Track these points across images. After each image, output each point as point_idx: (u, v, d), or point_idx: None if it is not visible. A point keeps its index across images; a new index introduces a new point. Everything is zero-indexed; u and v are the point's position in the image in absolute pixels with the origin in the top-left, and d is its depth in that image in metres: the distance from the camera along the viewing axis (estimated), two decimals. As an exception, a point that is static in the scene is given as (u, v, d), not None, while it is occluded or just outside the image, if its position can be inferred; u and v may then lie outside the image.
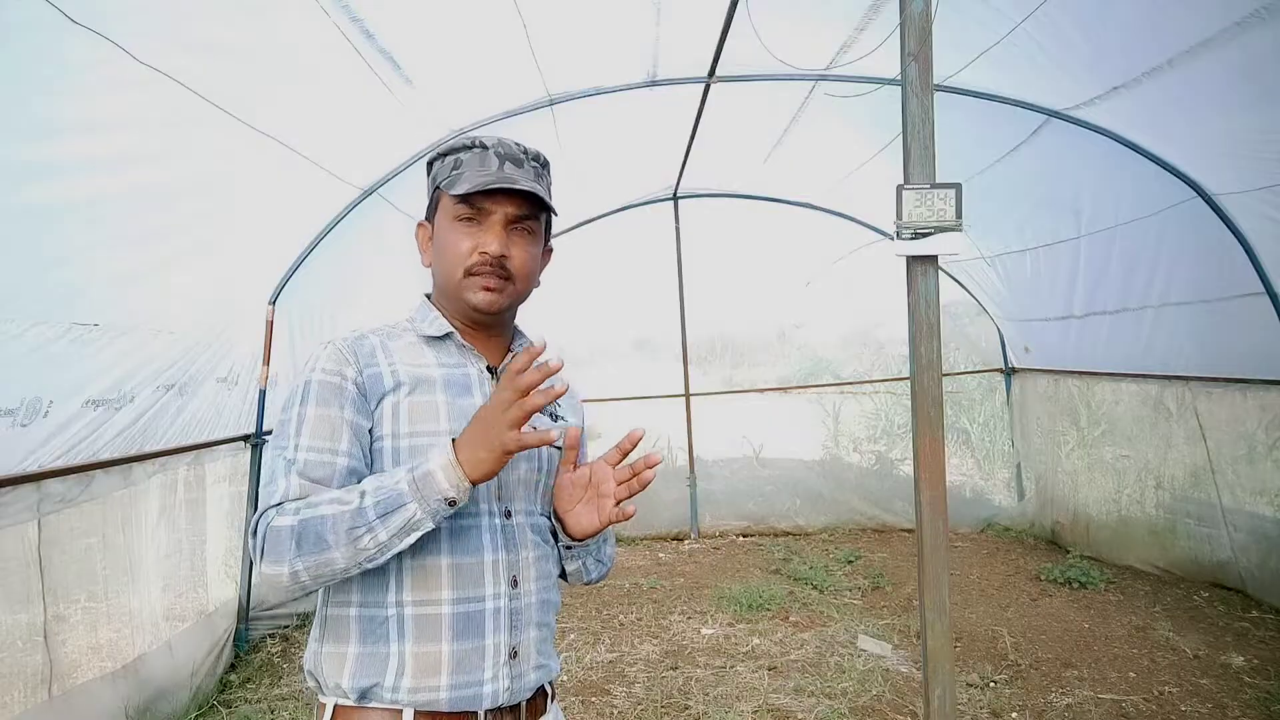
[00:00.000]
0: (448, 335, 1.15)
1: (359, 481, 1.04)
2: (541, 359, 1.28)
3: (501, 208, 1.09)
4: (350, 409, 1.05)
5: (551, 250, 1.26)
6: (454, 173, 1.11)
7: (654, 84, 3.60)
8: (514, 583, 1.08)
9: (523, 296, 1.17)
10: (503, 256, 1.09)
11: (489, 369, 1.16)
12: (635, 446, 1.08)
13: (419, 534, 0.96)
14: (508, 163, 1.10)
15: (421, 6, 2.49)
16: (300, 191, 3.24)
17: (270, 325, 3.63)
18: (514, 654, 1.07)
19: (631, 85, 3.59)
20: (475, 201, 1.09)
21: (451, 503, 0.96)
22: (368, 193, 3.59)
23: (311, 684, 1.07)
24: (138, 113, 2.18)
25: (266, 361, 3.63)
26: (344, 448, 1.03)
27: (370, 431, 1.06)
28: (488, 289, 1.10)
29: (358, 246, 3.75)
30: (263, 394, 3.69)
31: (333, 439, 1.03)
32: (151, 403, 2.89)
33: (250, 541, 1.00)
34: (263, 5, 2.17)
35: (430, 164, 1.17)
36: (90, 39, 1.84)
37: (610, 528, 1.23)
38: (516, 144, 1.14)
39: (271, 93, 2.55)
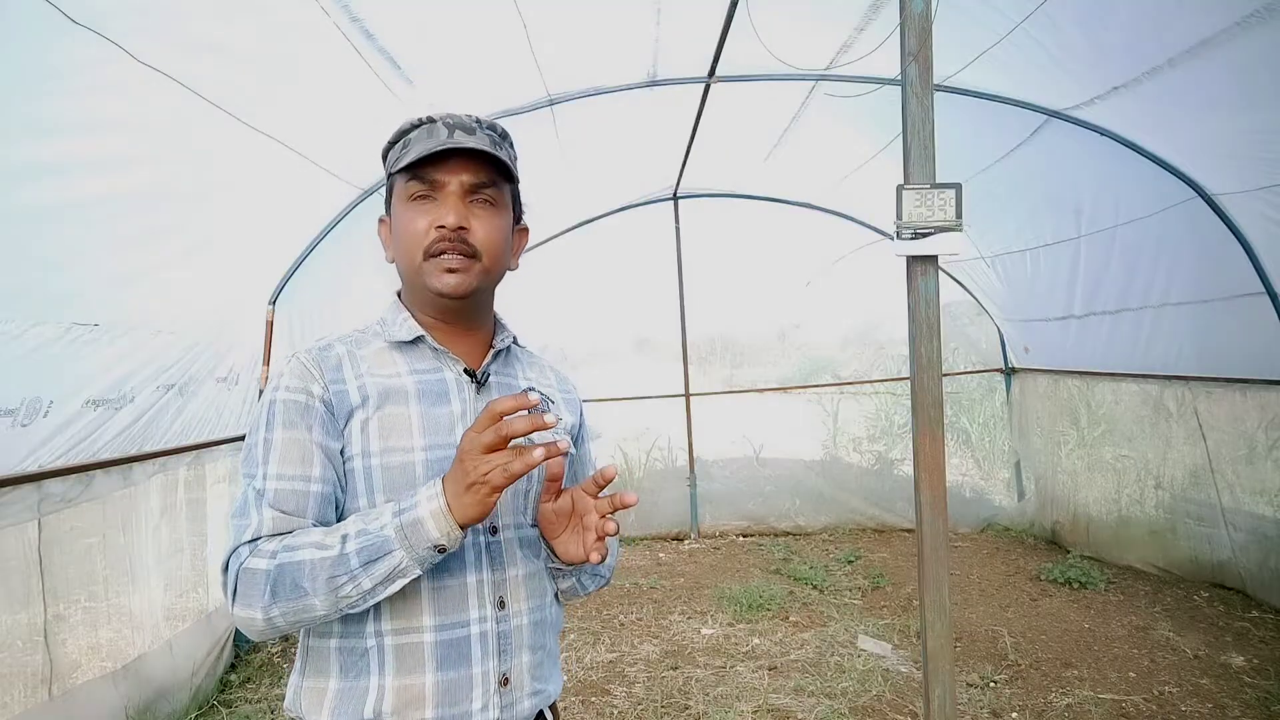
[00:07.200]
0: (419, 339, 1.05)
1: (335, 508, 0.98)
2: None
3: (455, 175, 1.00)
4: (319, 430, 0.97)
5: (526, 231, 1.15)
6: (402, 152, 1.02)
7: (654, 84, 3.60)
8: (500, 604, 1.01)
9: (493, 277, 1.06)
10: (462, 229, 0.99)
11: (468, 372, 1.06)
12: (610, 482, 1.00)
13: (406, 580, 0.90)
14: (458, 130, 1.00)
15: (421, 6, 2.49)
16: (300, 191, 3.24)
17: (270, 325, 3.63)
18: (505, 681, 1.00)
19: (631, 85, 3.59)
20: (425, 173, 1.00)
21: (441, 549, 0.89)
22: (368, 193, 3.59)
23: None
24: (138, 113, 2.18)
25: (266, 361, 3.63)
26: (316, 474, 0.96)
27: (341, 451, 0.99)
28: (450, 270, 1.00)
29: (358, 246, 3.75)
30: (262, 394, 3.68)
31: (304, 465, 0.95)
32: (151, 403, 2.89)
33: (221, 578, 0.93)
34: (263, 5, 2.17)
35: (384, 154, 1.07)
36: (90, 39, 1.84)
37: (614, 540, 1.18)
38: (469, 115, 1.04)
39: (271, 93, 2.55)
